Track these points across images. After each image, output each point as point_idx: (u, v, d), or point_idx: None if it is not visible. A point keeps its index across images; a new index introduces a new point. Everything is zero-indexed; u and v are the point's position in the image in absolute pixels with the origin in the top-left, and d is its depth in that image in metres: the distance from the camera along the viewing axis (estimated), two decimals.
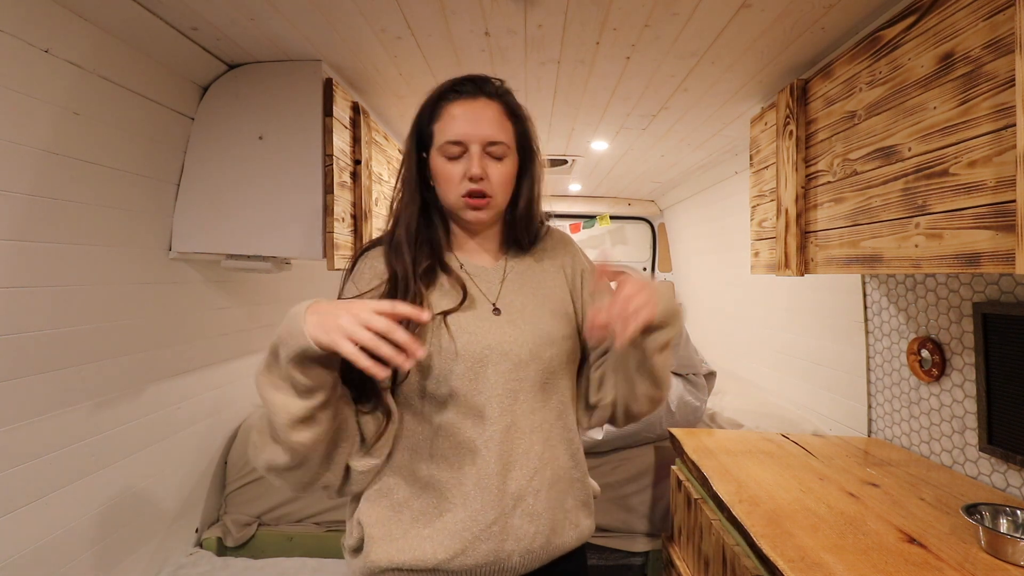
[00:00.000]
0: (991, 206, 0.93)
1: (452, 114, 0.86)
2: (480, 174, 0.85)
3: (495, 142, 0.86)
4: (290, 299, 2.53)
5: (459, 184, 0.86)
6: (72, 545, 1.38)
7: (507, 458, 0.81)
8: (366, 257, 0.90)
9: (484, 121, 0.86)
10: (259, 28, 1.46)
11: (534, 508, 0.82)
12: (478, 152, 0.85)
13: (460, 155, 0.86)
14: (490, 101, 0.88)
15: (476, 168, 0.85)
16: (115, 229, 1.48)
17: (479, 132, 0.85)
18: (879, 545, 1.03)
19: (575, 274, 0.98)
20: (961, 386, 1.39)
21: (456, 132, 0.85)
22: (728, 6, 1.31)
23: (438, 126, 0.87)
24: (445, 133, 0.86)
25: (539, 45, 1.56)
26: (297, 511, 2.02)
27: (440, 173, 0.87)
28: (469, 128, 0.85)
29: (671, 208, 4.12)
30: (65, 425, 1.36)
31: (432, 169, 0.89)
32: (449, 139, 0.85)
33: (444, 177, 0.87)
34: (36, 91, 1.20)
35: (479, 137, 0.85)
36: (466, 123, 0.86)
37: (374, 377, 0.68)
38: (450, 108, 0.87)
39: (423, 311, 0.74)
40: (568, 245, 1.02)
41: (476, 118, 0.86)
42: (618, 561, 1.96)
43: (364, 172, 1.90)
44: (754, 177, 1.93)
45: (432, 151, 0.88)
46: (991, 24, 0.93)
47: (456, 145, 0.85)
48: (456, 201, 0.87)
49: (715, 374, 2.28)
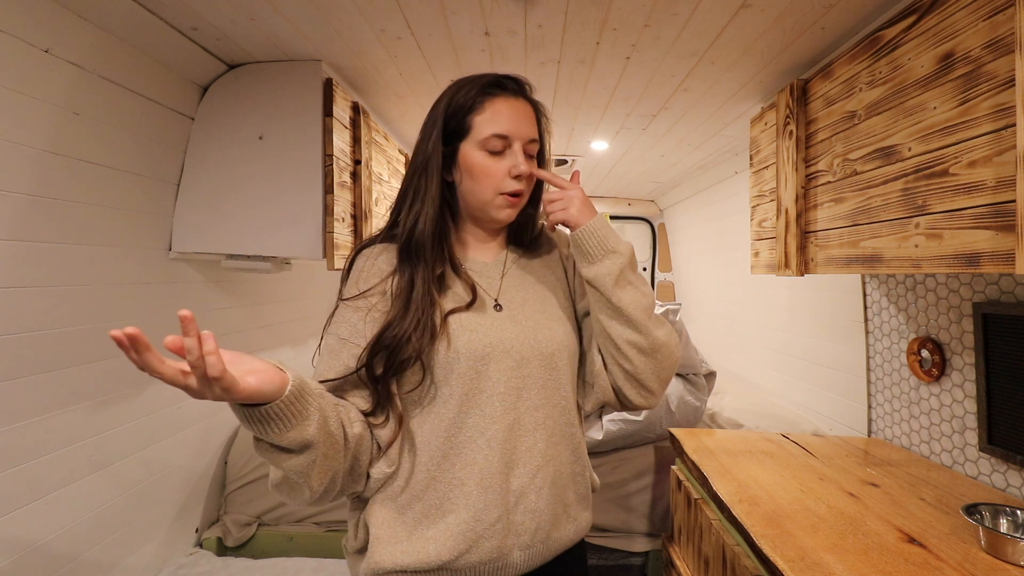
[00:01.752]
0: (991, 206, 0.93)
1: (498, 108, 0.85)
2: (528, 172, 0.85)
3: (534, 140, 0.87)
4: (290, 299, 2.54)
5: (501, 180, 0.85)
6: (72, 545, 1.38)
7: (510, 456, 0.81)
8: (367, 255, 0.89)
9: (526, 120, 0.87)
10: (259, 28, 1.46)
11: (536, 505, 0.82)
12: (521, 150, 0.85)
13: (502, 151, 0.85)
14: (527, 103, 0.89)
15: (524, 166, 0.85)
16: (115, 229, 1.48)
17: (523, 130, 0.86)
18: (879, 545, 1.03)
19: (569, 265, 0.98)
20: (961, 386, 1.39)
21: (504, 127, 0.84)
22: (728, 6, 1.31)
23: (481, 118, 0.85)
24: (491, 126, 0.84)
25: (539, 45, 1.56)
26: (297, 511, 2.02)
27: (479, 167, 0.85)
28: (515, 125, 0.85)
29: (671, 208, 4.12)
30: (65, 425, 1.35)
31: (465, 162, 0.86)
32: (496, 132, 0.84)
33: (483, 172, 0.85)
34: (36, 91, 1.20)
35: (523, 135, 0.86)
36: (513, 120, 0.85)
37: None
38: (495, 102, 0.86)
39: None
40: (562, 237, 1.02)
41: (520, 116, 0.86)
42: (618, 561, 1.96)
43: (364, 172, 1.90)
44: (754, 177, 1.93)
45: (467, 143, 0.85)
46: (991, 24, 0.93)
47: (502, 140, 0.84)
48: (492, 198, 0.86)
49: (715, 374, 2.28)
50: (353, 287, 0.86)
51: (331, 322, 0.85)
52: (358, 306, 0.84)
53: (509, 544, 0.80)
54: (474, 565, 0.79)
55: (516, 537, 0.81)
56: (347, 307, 0.84)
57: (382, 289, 0.84)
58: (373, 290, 0.84)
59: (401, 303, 0.81)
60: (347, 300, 0.85)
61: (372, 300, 0.84)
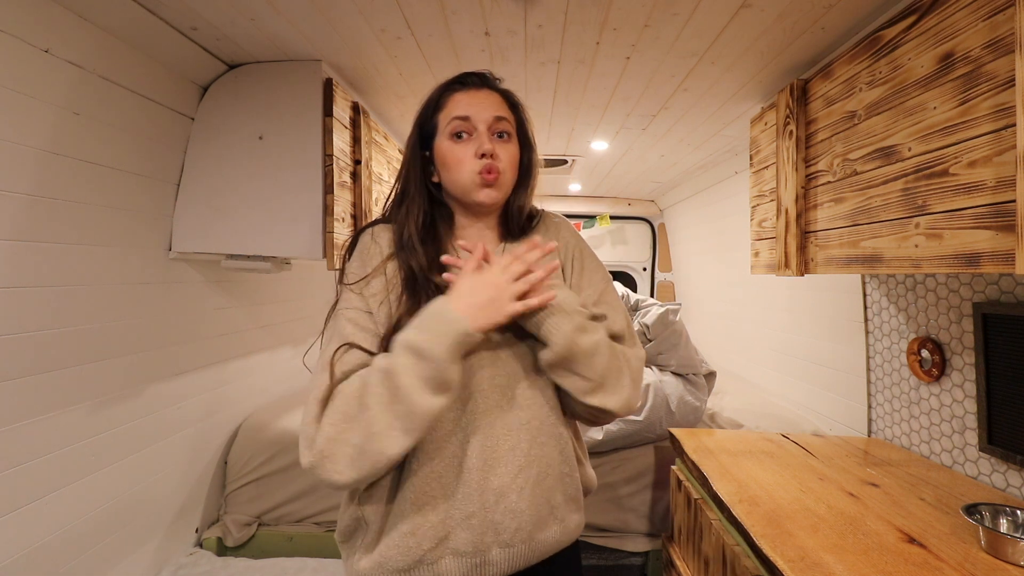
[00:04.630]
0: (991, 206, 0.93)
1: (458, 100, 0.90)
2: (491, 149, 0.87)
3: (500, 117, 0.89)
4: (290, 299, 2.54)
5: (470, 163, 0.87)
6: (72, 545, 1.38)
7: (490, 454, 0.81)
8: (369, 234, 0.91)
9: (489, 103, 0.90)
10: (259, 28, 1.46)
11: (517, 505, 0.81)
12: (485, 131, 0.88)
13: (468, 135, 0.88)
14: (492, 91, 0.92)
15: (487, 143, 0.87)
16: (115, 229, 1.48)
17: (485, 112, 0.89)
18: (879, 545, 1.03)
19: (566, 259, 0.97)
20: (961, 386, 1.39)
21: (462, 109, 0.88)
22: (728, 6, 1.31)
23: (443, 113, 0.90)
24: (451, 112, 0.88)
25: (539, 45, 1.56)
26: (297, 511, 2.02)
27: (449, 156, 0.88)
28: (475, 108, 0.89)
29: (671, 208, 4.12)
30: (65, 425, 1.35)
31: (439, 157, 0.90)
32: (456, 115, 0.88)
33: (454, 159, 0.88)
34: (36, 91, 1.20)
35: (485, 117, 0.88)
36: (472, 104, 0.89)
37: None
38: (455, 96, 0.90)
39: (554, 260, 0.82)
40: (561, 229, 1.01)
41: (481, 101, 0.90)
42: (618, 561, 1.96)
43: (364, 172, 1.90)
44: (754, 177, 1.93)
45: (438, 139, 0.90)
46: (991, 24, 0.93)
47: (463, 121, 0.87)
48: (469, 181, 0.88)
49: (715, 374, 2.28)
50: (357, 268, 0.88)
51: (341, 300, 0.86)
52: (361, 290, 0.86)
53: (487, 541, 0.80)
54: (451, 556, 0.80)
55: (495, 535, 0.80)
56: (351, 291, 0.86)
57: (383, 270, 0.87)
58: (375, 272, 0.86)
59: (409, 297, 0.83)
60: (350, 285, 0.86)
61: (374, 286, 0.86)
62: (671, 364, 2.18)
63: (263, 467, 2.00)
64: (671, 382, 2.12)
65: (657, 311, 2.23)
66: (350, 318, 0.83)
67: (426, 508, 0.80)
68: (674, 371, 2.19)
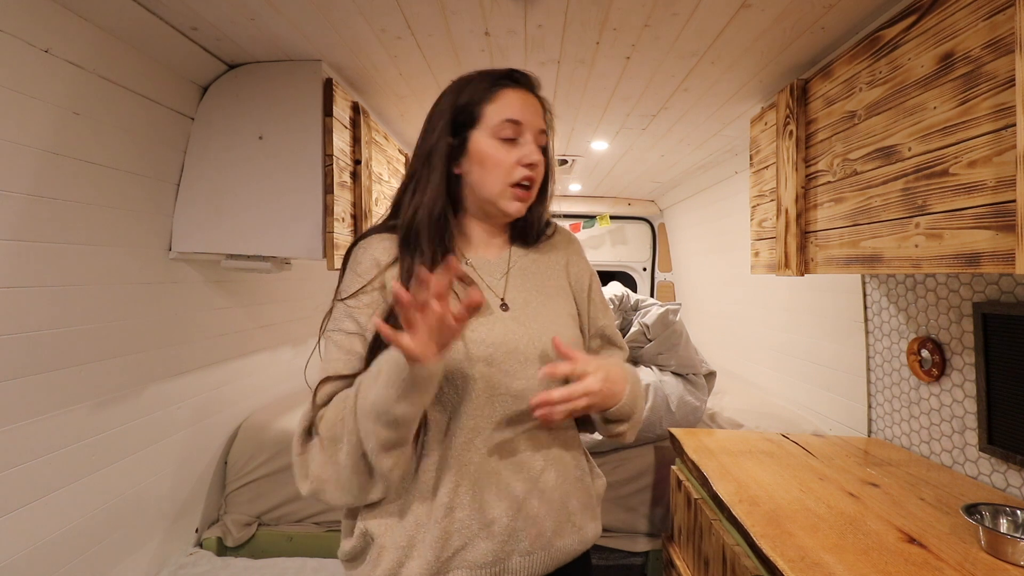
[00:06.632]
0: (991, 206, 0.93)
1: (510, 98, 0.86)
2: (539, 160, 0.85)
3: (543, 131, 0.88)
4: (290, 299, 2.54)
5: (509, 169, 0.84)
6: (72, 545, 1.38)
7: (509, 460, 0.81)
8: (364, 246, 0.86)
9: (536, 111, 0.88)
10: (259, 28, 1.46)
11: (537, 511, 0.81)
12: (532, 140, 0.86)
13: (514, 139, 0.85)
14: (536, 98, 0.90)
15: (536, 154, 0.85)
16: (115, 229, 1.48)
17: (536, 120, 0.86)
18: (879, 545, 1.03)
19: (578, 276, 0.97)
20: (961, 386, 1.39)
21: (518, 113, 0.84)
22: (728, 6, 1.31)
23: (492, 107, 0.85)
24: (504, 112, 0.84)
25: (539, 45, 1.56)
26: (297, 511, 2.02)
27: (490, 155, 0.84)
28: (528, 114, 0.85)
29: (671, 208, 4.12)
30: (65, 425, 1.35)
31: (476, 151, 0.84)
32: (510, 117, 0.84)
33: (494, 160, 0.84)
34: (36, 91, 1.20)
35: (535, 124, 0.86)
36: (526, 109, 0.86)
37: None
38: (507, 92, 0.86)
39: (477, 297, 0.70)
40: (571, 244, 1.01)
41: (532, 107, 0.87)
42: (618, 561, 1.96)
43: (364, 172, 1.90)
44: (754, 177, 1.93)
45: (478, 131, 0.85)
46: (991, 24, 0.93)
47: (514, 125, 0.84)
48: (502, 188, 0.85)
49: (715, 374, 2.28)
50: (351, 282, 0.84)
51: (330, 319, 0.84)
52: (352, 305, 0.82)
53: (508, 549, 0.79)
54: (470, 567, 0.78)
55: (516, 543, 0.80)
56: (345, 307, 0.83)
57: (380, 283, 0.83)
58: (371, 285, 0.82)
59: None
60: (345, 300, 0.83)
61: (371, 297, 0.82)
62: (671, 364, 2.18)
63: (263, 467, 2.00)
64: (671, 382, 2.12)
65: (657, 311, 2.23)
66: (337, 342, 0.81)
67: (445, 519, 0.78)
68: (674, 371, 2.19)
